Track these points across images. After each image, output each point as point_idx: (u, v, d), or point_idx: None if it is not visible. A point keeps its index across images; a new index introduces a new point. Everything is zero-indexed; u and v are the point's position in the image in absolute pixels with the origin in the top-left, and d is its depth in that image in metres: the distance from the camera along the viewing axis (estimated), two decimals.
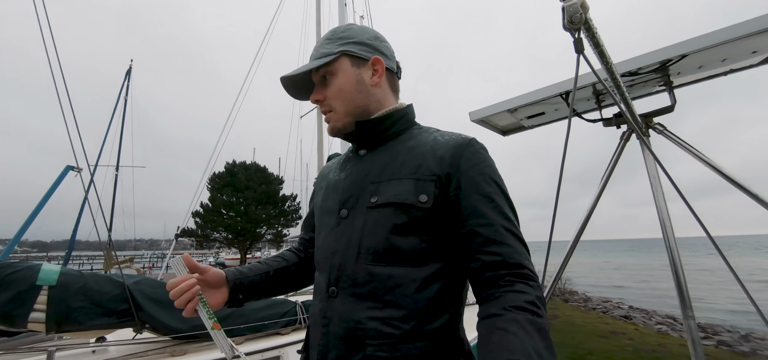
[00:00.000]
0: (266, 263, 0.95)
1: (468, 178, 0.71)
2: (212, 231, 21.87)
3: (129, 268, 12.68)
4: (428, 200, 0.70)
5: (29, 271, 2.21)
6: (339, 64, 0.80)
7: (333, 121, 0.83)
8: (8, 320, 2.08)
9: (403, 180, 0.73)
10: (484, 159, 0.74)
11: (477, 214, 0.68)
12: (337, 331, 0.71)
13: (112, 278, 2.48)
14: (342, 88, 0.80)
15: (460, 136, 0.77)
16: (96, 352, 2.41)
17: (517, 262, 0.65)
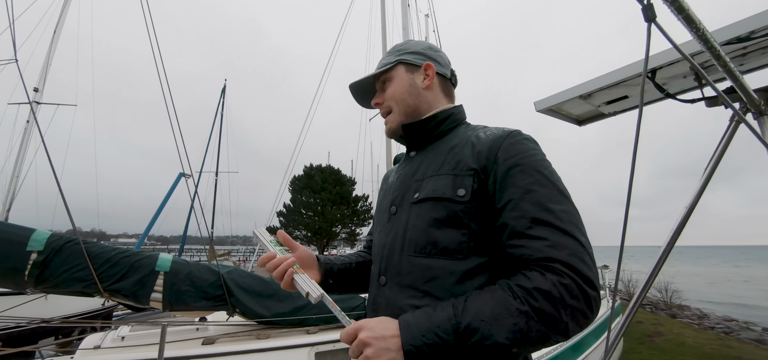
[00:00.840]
0: (348, 257, 1.04)
1: (504, 170, 0.70)
2: (294, 229, 23.80)
3: (226, 260, 14.51)
4: (466, 194, 0.71)
5: (150, 259, 2.69)
6: (395, 72, 0.90)
7: (389, 122, 0.92)
8: (136, 298, 2.56)
9: (442, 176, 0.76)
10: (524, 150, 0.71)
11: (510, 206, 0.67)
12: (384, 316, 0.74)
13: (210, 267, 2.88)
14: (396, 90, 0.89)
15: (501, 130, 0.77)
16: (199, 329, 2.82)
17: (546, 256, 0.61)
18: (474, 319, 0.59)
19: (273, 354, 2.64)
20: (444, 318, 0.61)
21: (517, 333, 0.57)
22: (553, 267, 0.60)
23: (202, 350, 2.50)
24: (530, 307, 0.58)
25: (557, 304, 0.57)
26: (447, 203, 0.73)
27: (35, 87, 9.55)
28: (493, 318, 0.59)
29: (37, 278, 2.37)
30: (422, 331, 0.61)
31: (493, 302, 0.60)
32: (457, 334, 0.59)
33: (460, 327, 0.59)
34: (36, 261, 2.36)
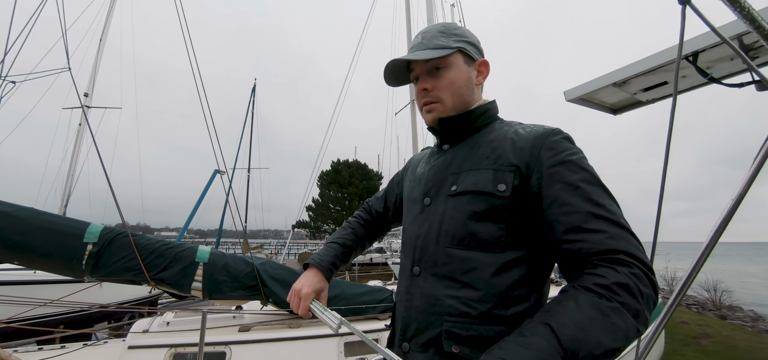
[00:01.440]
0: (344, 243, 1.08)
1: (549, 167, 0.70)
2: (322, 223, 24.30)
3: (259, 253, 15.11)
4: (507, 189, 0.72)
5: (191, 250, 2.86)
6: (454, 59, 0.84)
7: (437, 111, 0.85)
8: (179, 287, 2.74)
9: (481, 170, 0.77)
10: (567, 148, 0.72)
11: (560, 203, 0.67)
12: (418, 305, 0.78)
13: (244, 259, 3.03)
14: (454, 81, 0.83)
15: (542, 127, 0.77)
16: (235, 317, 2.98)
17: (608, 248, 0.61)
18: (574, 330, 0.55)
19: (304, 343, 2.74)
20: (542, 341, 0.55)
21: (620, 332, 0.55)
22: (618, 259, 0.60)
23: (239, 337, 2.64)
24: (619, 303, 0.56)
25: (637, 296, 0.57)
26: (487, 197, 0.73)
27: (85, 92, 10.33)
28: (593, 324, 0.55)
29: (93, 267, 2.59)
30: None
31: (583, 307, 0.57)
32: (564, 352, 0.54)
33: (562, 343, 0.54)
34: (91, 252, 2.58)
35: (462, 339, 0.70)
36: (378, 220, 1.16)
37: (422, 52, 0.83)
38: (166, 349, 2.46)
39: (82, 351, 2.97)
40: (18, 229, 2.47)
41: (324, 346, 2.75)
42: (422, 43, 0.85)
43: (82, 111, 8.70)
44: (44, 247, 2.53)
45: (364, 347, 2.85)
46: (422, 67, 0.86)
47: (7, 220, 2.47)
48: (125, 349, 2.46)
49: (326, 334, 2.80)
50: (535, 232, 0.72)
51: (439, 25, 0.88)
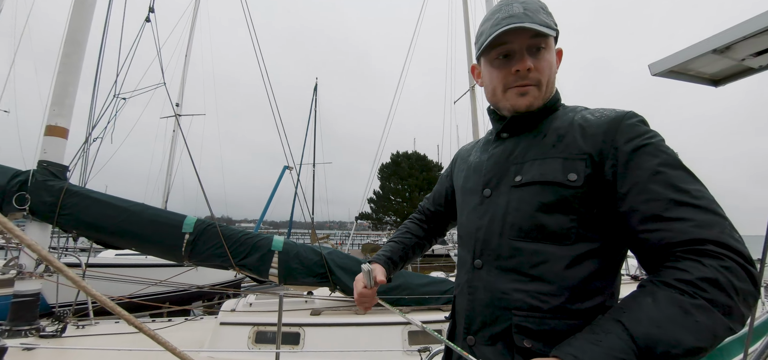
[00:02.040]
0: (402, 242, 1.08)
1: (626, 153, 0.65)
2: (384, 215, 24.79)
3: (326, 243, 15.98)
4: (578, 179, 0.68)
5: (267, 240, 3.16)
6: (551, 41, 0.77)
7: (533, 96, 0.77)
8: (259, 272, 3.06)
9: (548, 159, 0.72)
10: (644, 132, 0.66)
11: (638, 190, 0.62)
12: (482, 298, 0.76)
13: (314, 248, 3.25)
14: (552, 65, 0.78)
15: (614, 111, 0.71)
16: (307, 301, 3.22)
17: (694, 238, 0.55)
18: (650, 327, 0.52)
19: (370, 329, 2.86)
20: (614, 338, 0.53)
21: (705, 331, 0.50)
22: (706, 250, 0.54)
23: (311, 319, 2.85)
24: (706, 300, 0.51)
25: (729, 291, 0.52)
26: (556, 187, 0.70)
27: (176, 103, 11.84)
28: (672, 321, 0.51)
29: (190, 254, 3.00)
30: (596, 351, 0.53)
31: (661, 304, 0.53)
32: (639, 349, 0.51)
33: (636, 341, 0.52)
34: (188, 240, 3.00)
35: (534, 333, 0.68)
36: (434, 217, 1.14)
37: (532, 24, 0.73)
38: (250, 326, 2.76)
39: (184, 324, 3.48)
40: (134, 222, 2.97)
41: (389, 332, 2.84)
42: (526, 14, 0.74)
43: (175, 119, 10.01)
44: (153, 237, 3.00)
45: (428, 337, 2.88)
46: (523, 42, 0.75)
47: (126, 214, 2.98)
48: (218, 325, 2.82)
49: (392, 321, 2.88)
50: (608, 222, 0.67)
51: (541, 4, 0.78)
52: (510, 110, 0.80)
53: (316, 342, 2.73)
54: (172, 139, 12.04)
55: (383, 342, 2.76)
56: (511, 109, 0.80)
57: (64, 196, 2.86)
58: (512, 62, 0.77)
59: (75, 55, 3.33)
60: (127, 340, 2.78)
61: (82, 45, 3.40)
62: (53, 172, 3.01)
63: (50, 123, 3.14)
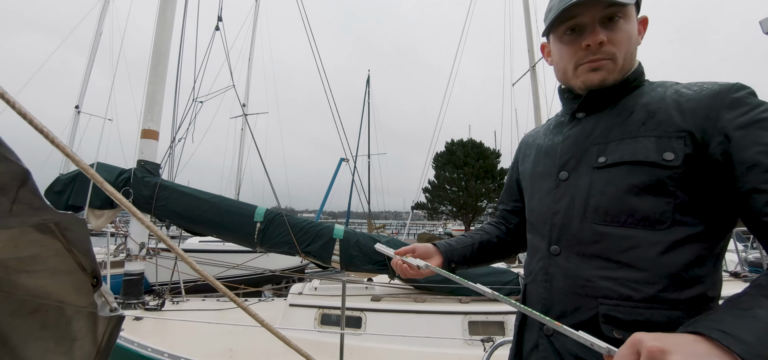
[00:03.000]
0: (471, 236, 1.00)
1: (738, 128, 0.58)
2: (439, 204, 24.52)
3: (383, 232, 16.31)
4: (676, 158, 0.62)
5: (329, 228, 3.32)
6: (631, 9, 0.71)
7: (607, 70, 0.71)
8: (322, 259, 3.23)
9: (639, 138, 0.67)
10: (758, 104, 0.59)
11: (762, 169, 0.55)
12: (561, 286, 0.72)
13: (373, 237, 3.34)
14: (631, 36, 0.71)
15: (717, 84, 0.64)
16: (367, 287, 3.32)
17: None
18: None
19: (429, 317, 2.87)
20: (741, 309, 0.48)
21: None
22: None
23: (371, 305, 2.94)
24: None
25: None
26: (649, 168, 0.64)
27: (243, 103, 12.86)
28: None
29: (261, 240, 3.27)
30: (756, 336, 0.44)
31: None
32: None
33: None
34: (260, 228, 3.27)
35: (625, 324, 0.62)
36: (513, 214, 1.03)
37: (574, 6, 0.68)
38: (316, 309, 2.94)
39: (257, 305, 3.81)
40: (214, 211, 3.31)
41: (449, 321, 2.82)
42: None
43: (244, 118, 10.89)
44: (230, 225, 3.32)
45: (489, 327, 2.81)
46: (596, 13, 0.70)
47: (207, 205, 3.33)
48: (287, 307, 3.05)
49: (452, 311, 2.87)
50: (712, 205, 0.62)
51: None
52: (582, 88, 0.75)
53: (377, 326, 2.81)
54: (241, 137, 13.16)
55: (443, 330, 2.76)
56: (582, 86, 0.75)
57: (158, 190, 3.29)
58: (583, 37, 0.71)
59: (160, 66, 3.78)
60: (214, 314, 3.15)
61: (166, 56, 3.85)
62: (149, 170, 3.47)
63: (144, 127, 3.63)
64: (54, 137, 0.52)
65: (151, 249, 3.45)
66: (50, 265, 0.62)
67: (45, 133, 0.50)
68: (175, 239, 8.16)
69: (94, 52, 13.57)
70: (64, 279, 0.66)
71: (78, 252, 0.60)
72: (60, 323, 0.71)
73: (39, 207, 0.41)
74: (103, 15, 13.97)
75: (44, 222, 0.49)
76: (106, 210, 3.27)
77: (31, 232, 0.51)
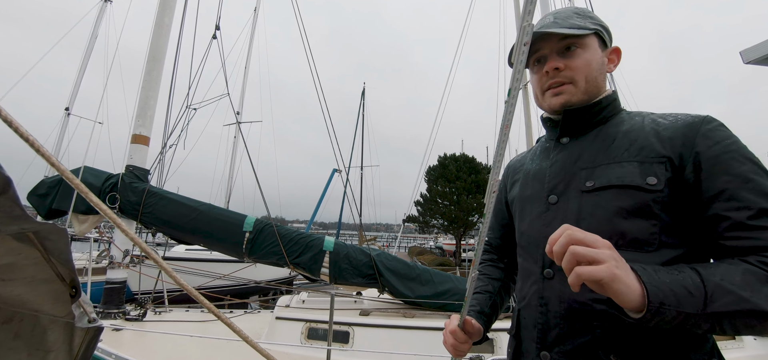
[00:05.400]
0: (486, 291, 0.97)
1: (710, 158, 0.63)
2: (431, 218, 24.51)
3: (374, 244, 16.22)
4: (659, 182, 0.66)
5: (319, 240, 3.28)
6: (590, 41, 0.80)
7: (569, 93, 0.79)
8: (311, 271, 3.19)
9: (624, 163, 0.71)
10: (727, 136, 0.65)
11: (726, 197, 0.60)
12: (557, 310, 0.72)
13: (363, 249, 3.31)
14: (590, 63, 0.79)
15: (690, 116, 0.70)
16: (356, 301, 3.28)
17: None
18: (724, 282, 0.52)
19: (418, 333, 2.84)
20: (687, 277, 0.54)
21: None
22: None
23: (360, 319, 2.90)
24: None
25: None
26: (635, 191, 0.67)
27: (237, 111, 12.81)
28: (746, 284, 0.52)
29: (250, 251, 3.22)
30: (667, 281, 0.54)
31: (737, 270, 0.54)
32: (707, 294, 0.52)
33: (707, 285, 0.52)
34: (248, 238, 3.22)
35: (620, 347, 0.64)
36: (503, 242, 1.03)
37: (557, 28, 0.78)
38: (302, 323, 2.89)
39: (244, 316, 3.73)
40: (203, 220, 3.26)
41: (438, 337, 2.79)
42: (555, 22, 0.80)
43: (237, 126, 10.84)
44: (219, 234, 3.27)
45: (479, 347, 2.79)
46: (553, 46, 0.80)
47: (196, 213, 3.28)
48: (273, 319, 2.99)
49: (441, 326, 2.84)
50: (691, 228, 0.65)
51: (573, 7, 0.84)
52: (549, 111, 0.84)
53: (365, 342, 2.77)
54: (233, 145, 13.06)
55: (432, 346, 2.73)
56: (549, 109, 0.83)
57: (146, 196, 3.23)
58: (545, 65, 0.82)
59: (155, 72, 3.76)
60: (197, 327, 3.06)
61: (161, 61, 3.83)
62: (138, 175, 3.42)
63: (135, 132, 3.58)
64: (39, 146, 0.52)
65: (136, 256, 3.37)
66: (27, 274, 0.60)
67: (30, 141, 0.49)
68: (162, 246, 8.00)
69: (88, 55, 13.45)
70: (41, 288, 0.64)
71: (57, 261, 0.59)
72: (34, 333, 0.69)
73: (18, 215, 0.40)
74: (100, 18, 13.91)
75: (23, 231, 0.48)
76: (90, 215, 3.20)
77: (8, 241, 0.50)
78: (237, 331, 0.75)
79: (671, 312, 0.52)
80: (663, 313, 0.52)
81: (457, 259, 17.72)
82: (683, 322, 0.53)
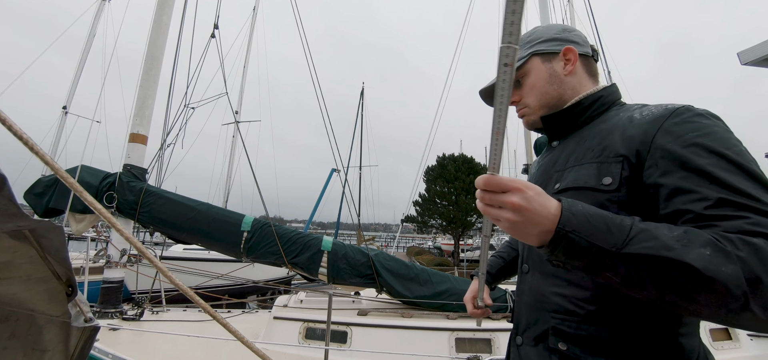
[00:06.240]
0: (503, 251, 1.15)
1: (667, 153, 0.61)
2: (429, 218, 24.52)
3: (372, 244, 16.22)
4: (613, 182, 0.66)
5: (317, 240, 3.28)
6: (530, 65, 0.85)
7: (527, 115, 0.88)
8: (309, 271, 3.18)
9: (585, 164, 0.72)
10: (692, 128, 0.61)
11: (683, 191, 0.57)
12: (528, 301, 0.81)
13: (361, 249, 3.31)
14: (535, 84, 0.84)
15: (661, 107, 0.67)
16: (354, 301, 3.28)
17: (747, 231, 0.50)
18: (657, 229, 0.51)
19: (416, 333, 2.84)
20: (621, 218, 0.54)
21: (708, 262, 0.46)
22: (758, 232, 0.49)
23: (358, 319, 2.90)
24: (733, 250, 0.47)
25: (765, 263, 0.46)
26: (590, 193, 0.68)
27: (235, 110, 12.78)
28: (680, 238, 0.49)
29: (248, 250, 3.22)
30: (590, 213, 0.54)
31: (675, 230, 0.51)
32: (630, 235, 0.51)
33: (633, 228, 0.51)
34: (246, 238, 3.21)
35: (570, 337, 0.68)
36: None
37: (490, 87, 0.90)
38: (300, 322, 2.88)
39: (241, 316, 3.72)
40: (201, 219, 3.25)
41: (436, 337, 2.79)
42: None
43: (236, 126, 10.82)
44: (217, 234, 3.26)
45: (476, 345, 2.79)
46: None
47: (194, 213, 3.27)
48: (271, 319, 2.98)
49: (438, 327, 2.85)
50: None
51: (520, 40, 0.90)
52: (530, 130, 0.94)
53: (363, 342, 2.77)
54: (231, 144, 13.04)
55: (430, 346, 2.73)
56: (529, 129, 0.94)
57: (143, 196, 3.22)
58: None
59: (153, 71, 3.74)
60: (195, 326, 3.06)
61: (159, 60, 3.82)
62: (135, 175, 3.40)
63: (133, 131, 3.57)
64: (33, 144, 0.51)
65: (133, 256, 3.36)
66: (23, 273, 0.60)
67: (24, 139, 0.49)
68: (160, 245, 7.97)
69: (86, 53, 13.39)
70: (37, 287, 0.64)
71: (53, 260, 0.58)
72: (30, 333, 0.69)
73: (13, 213, 0.40)
74: (98, 16, 13.85)
75: (19, 229, 0.48)
76: (87, 214, 3.19)
77: (4, 239, 0.50)
78: (232, 331, 0.75)
79: (581, 242, 0.52)
80: (572, 242, 0.52)
81: (456, 260, 17.73)
82: (597, 261, 0.52)
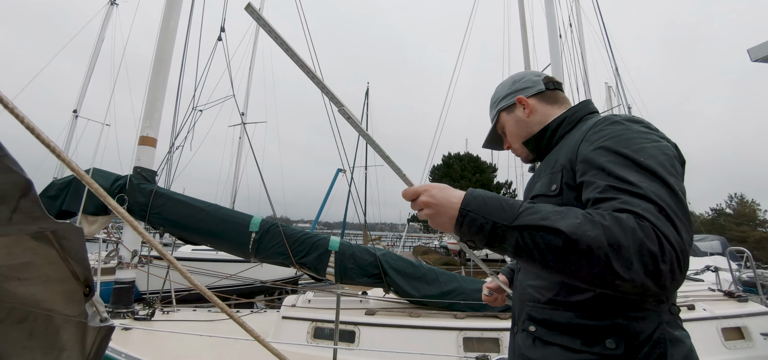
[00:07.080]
0: None
1: (583, 158, 0.75)
2: None
3: (378, 244, 16.22)
4: (556, 188, 0.81)
5: (324, 240, 3.29)
6: (501, 120, 1.06)
7: (518, 155, 1.07)
8: (317, 271, 3.20)
9: (543, 176, 0.89)
10: (603, 135, 0.75)
11: (588, 184, 0.71)
12: (517, 294, 0.96)
13: (368, 249, 3.31)
14: (511, 133, 1.04)
15: (594, 120, 0.83)
16: (362, 301, 3.29)
17: (619, 208, 0.61)
18: (539, 207, 0.65)
19: (424, 332, 2.84)
20: (517, 201, 0.70)
21: (579, 229, 0.58)
22: (626, 212, 0.60)
23: (365, 319, 2.91)
24: (600, 221, 0.59)
25: (627, 233, 0.56)
26: (544, 198, 0.83)
27: (242, 112, 12.87)
28: (561, 213, 0.62)
29: (256, 251, 3.24)
30: (488, 197, 0.70)
31: (563, 208, 0.65)
32: (519, 210, 0.65)
33: (523, 205, 0.66)
34: (254, 238, 3.24)
35: (537, 321, 0.83)
36: None
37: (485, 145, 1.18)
38: (309, 322, 2.90)
39: (250, 316, 3.76)
40: (209, 220, 3.29)
41: (444, 337, 2.79)
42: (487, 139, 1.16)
43: (243, 127, 10.91)
44: (226, 235, 3.29)
45: (484, 344, 2.78)
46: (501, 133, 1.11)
47: (203, 214, 3.31)
48: (280, 319, 3.00)
49: (447, 326, 2.84)
50: None
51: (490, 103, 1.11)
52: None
53: (371, 341, 2.78)
54: (238, 145, 13.15)
55: (438, 346, 2.72)
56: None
57: (154, 198, 3.26)
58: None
59: (162, 74, 3.79)
60: (205, 326, 3.09)
61: (167, 63, 3.86)
62: (145, 177, 3.45)
63: (142, 134, 3.62)
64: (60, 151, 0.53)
65: (144, 257, 3.40)
66: (42, 273, 0.61)
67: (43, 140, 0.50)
68: (168, 247, 8.07)
69: (95, 58, 13.60)
70: (56, 287, 0.65)
71: (73, 260, 0.60)
72: (48, 332, 0.70)
73: (38, 216, 0.41)
74: (106, 21, 14.06)
75: (42, 231, 0.49)
76: (99, 216, 3.24)
77: (26, 240, 0.51)
78: (249, 331, 0.76)
79: (479, 219, 0.67)
80: (472, 219, 0.68)
81: (462, 259, 17.66)
82: (493, 234, 0.66)
